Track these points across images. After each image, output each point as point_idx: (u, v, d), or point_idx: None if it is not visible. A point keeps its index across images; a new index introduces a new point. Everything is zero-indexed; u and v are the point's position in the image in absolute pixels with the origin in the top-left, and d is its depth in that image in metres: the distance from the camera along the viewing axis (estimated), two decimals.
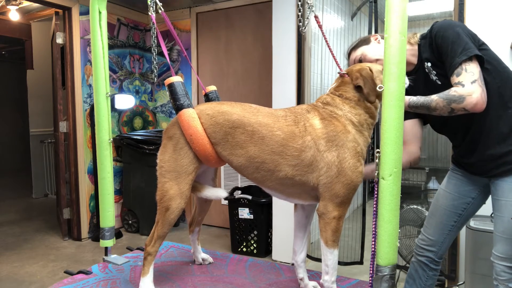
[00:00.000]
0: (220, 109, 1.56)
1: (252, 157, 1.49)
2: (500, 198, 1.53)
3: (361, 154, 1.45)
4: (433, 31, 1.55)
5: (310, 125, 1.47)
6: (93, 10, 1.97)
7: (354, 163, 1.42)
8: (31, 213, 4.95)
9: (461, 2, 2.51)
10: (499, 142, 1.53)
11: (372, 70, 1.50)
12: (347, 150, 1.42)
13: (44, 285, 2.90)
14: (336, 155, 1.42)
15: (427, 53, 1.59)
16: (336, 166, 1.41)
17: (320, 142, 1.43)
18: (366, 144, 1.49)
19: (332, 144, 1.42)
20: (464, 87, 1.41)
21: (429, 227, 1.81)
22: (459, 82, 1.43)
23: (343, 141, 1.43)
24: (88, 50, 3.90)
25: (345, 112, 1.48)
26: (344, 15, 4.20)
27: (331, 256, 1.47)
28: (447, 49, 1.48)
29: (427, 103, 1.46)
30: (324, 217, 1.45)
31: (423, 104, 1.47)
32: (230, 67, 4.15)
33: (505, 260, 1.51)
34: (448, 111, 1.43)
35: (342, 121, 1.46)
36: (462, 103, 1.40)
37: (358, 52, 1.70)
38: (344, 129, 1.44)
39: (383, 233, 1.17)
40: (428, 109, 1.46)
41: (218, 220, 4.30)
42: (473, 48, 1.43)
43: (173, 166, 1.58)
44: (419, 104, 1.47)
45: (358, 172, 1.43)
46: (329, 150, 1.42)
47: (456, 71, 1.44)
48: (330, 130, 1.44)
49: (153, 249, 1.63)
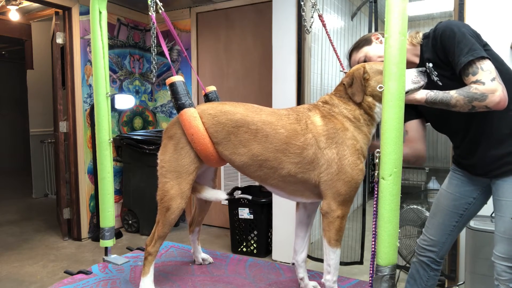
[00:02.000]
0: (223, 109, 1.56)
1: (256, 155, 1.49)
2: (501, 198, 1.53)
3: (361, 151, 1.45)
4: (437, 31, 1.53)
5: (311, 123, 1.47)
6: (93, 10, 1.97)
7: (354, 160, 1.42)
8: (31, 213, 4.94)
9: (461, 2, 2.51)
10: (500, 143, 1.52)
11: (366, 70, 1.48)
12: (346, 148, 1.42)
13: (44, 285, 2.90)
14: (336, 152, 1.42)
15: (429, 54, 1.58)
16: (336, 163, 1.42)
17: (321, 139, 1.44)
18: (366, 142, 1.48)
19: (332, 141, 1.43)
20: (484, 85, 1.36)
21: (431, 227, 1.81)
22: (477, 80, 1.38)
23: (342, 139, 1.43)
24: (88, 50, 3.90)
25: (340, 109, 1.49)
26: (344, 15, 4.20)
27: (334, 255, 1.47)
28: (453, 49, 1.46)
29: (446, 100, 1.41)
30: (328, 216, 1.45)
31: (442, 100, 1.41)
32: (230, 67, 4.15)
33: (506, 260, 1.51)
34: (469, 108, 1.39)
35: (339, 119, 1.47)
36: (484, 101, 1.36)
37: (361, 54, 1.69)
38: (343, 127, 1.45)
39: (383, 233, 1.17)
40: (448, 106, 1.41)
41: (218, 220, 4.30)
42: (480, 50, 1.41)
43: (174, 166, 1.58)
44: (437, 100, 1.42)
45: (358, 170, 1.43)
46: (329, 147, 1.43)
47: (471, 71, 1.40)
48: (330, 128, 1.45)
49: (154, 249, 1.64)
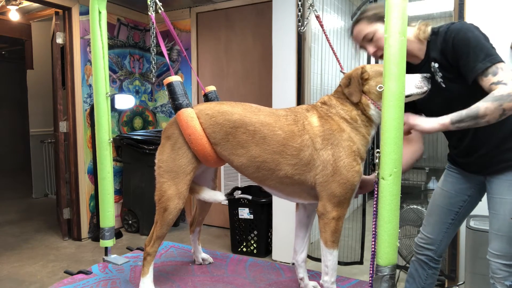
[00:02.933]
0: (220, 109, 1.56)
1: (254, 156, 1.49)
2: (495, 196, 1.54)
3: (358, 153, 1.42)
4: (450, 34, 1.47)
5: (308, 123, 1.46)
6: (93, 10, 1.97)
7: (350, 162, 1.40)
8: (31, 213, 4.94)
9: (461, 2, 2.51)
10: (498, 145, 1.53)
11: (365, 69, 1.46)
12: (342, 149, 1.41)
13: (44, 285, 2.90)
14: (331, 154, 1.41)
15: (436, 54, 1.53)
16: (331, 165, 1.41)
17: (317, 140, 1.43)
18: (364, 143, 1.45)
19: (328, 143, 1.42)
20: (507, 85, 1.31)
21: (428, 226, 1.82)
22: (498, 82, 1.34)
23: (338, 140, 1.42)
24: (88, 50, 3.90)
25: (337, 110, 1.47)
26: (344, 15, 4.20)
27: (331, 256, 1.47)
28: (467, 53, 1.41)
29: (473, 113, 1.33)
30: (324, 218, 1.44)
31: (468, 115, 1.34)
32: (230, 67, 4.15)
33: (500, 257, 1.51)
34: (500, 113, 1.32)
35: (336, 120, 1.45)
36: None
37: (371, 28, 1.56)
38: (339, 128, 1.43)
39: (383, 233, 1.17)
40: (476, 118, 1.33)
41: (218, 220, 4.29)
42: (496, 55, 1.38)
43: (171, 166, 1.58)
44: (463, 116, 1.34)
45: (354, 172, 1.41)
46: (324, 149, 1.42)
47: (491, 71, 1.36)
48: (327, 129, 1.44)
49: (153, 249, 1.64)
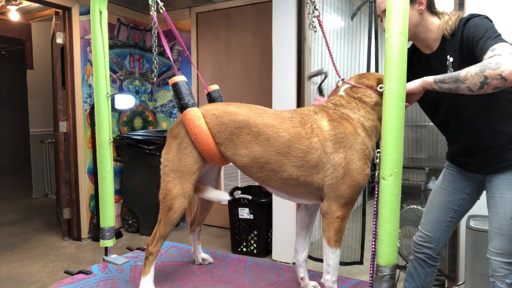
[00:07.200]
0: (226, 110, 1.56)
1: (256, 157, 1.49)
2: (495, 195, 1.54)
3: (369, 157, 1.46)
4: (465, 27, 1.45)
5: (318, 127, 1.46)
6: (93, 10, 1.97)
7: (361, 165, 1.42)
8: (31, 213, 4.94)
9: (461, 2, 2.51)
10: (498, 145, 1.53)
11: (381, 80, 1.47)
12: (355, 152, 1.42)
13: (44, 285, 2.90)
14: (344, 157, 1.42)
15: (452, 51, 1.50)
16: (342, 168, 1.41)
17: (327, 144, 1.43)
18: (373, 149, 1.49)
19: (340, 146, 1.42)
20: (501, 55, 1.28)
21: (426, 224, 1.82)
22: (495, 54, 1.30)
23: (352, 143, 1.42)
24: (88, 50, 3.90)
25: (359, 116, 1.48)
26: (344, 15, 4.20)
27: (333, 255, 1.47)
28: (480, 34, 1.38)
29: (455, 75, 1.33)
30: (328, 217, 1.45)
31: (451, 77, 1.34)
32: (230, 67, 4.15)
33: (501, 255, 1.51)
34: (481, 81, 1.28)
35: (353, 124, 1.46)
36: (498, 69, 1.26)
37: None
38: (354, 131, 1.44)
39: (383, 233, 1.17)
40: (457, 81, 1.33)
41: (218, 220, 4.29)
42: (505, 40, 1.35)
43: (177, 165, 1.58)
44: (446, 77, 1.35)
45: (365, 174, 1.43)
46: (336, 152, 1.42)
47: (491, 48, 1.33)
48: (339, 132, 1.44)
49: (155, 249, 1.64)
